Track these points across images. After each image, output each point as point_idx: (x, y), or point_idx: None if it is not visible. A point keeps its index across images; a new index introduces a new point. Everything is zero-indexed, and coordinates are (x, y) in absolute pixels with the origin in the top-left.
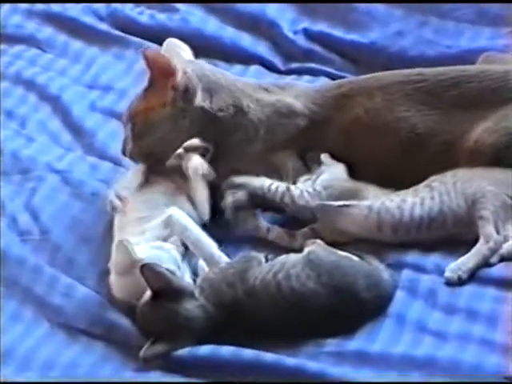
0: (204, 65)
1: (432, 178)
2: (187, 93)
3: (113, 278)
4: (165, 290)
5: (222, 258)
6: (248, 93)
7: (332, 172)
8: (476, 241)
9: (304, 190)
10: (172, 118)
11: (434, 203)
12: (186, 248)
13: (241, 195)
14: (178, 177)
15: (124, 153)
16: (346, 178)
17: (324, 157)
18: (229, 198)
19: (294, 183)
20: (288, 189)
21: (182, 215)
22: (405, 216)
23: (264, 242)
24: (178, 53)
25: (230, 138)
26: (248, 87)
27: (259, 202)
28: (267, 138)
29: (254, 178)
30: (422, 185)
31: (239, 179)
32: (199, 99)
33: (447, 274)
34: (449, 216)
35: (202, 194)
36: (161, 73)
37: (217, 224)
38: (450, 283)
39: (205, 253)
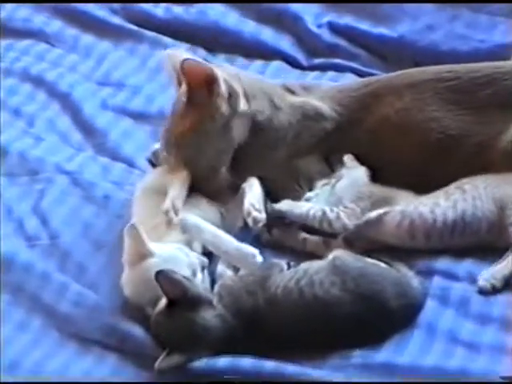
0: (233, 69)
1: (463, 180)
2: (231, 99)
3: (124, 275)
4: (181, 299)
5: (251, 250)
6: (279, 94)
7: (351, 176)
8: (507, 248)
9: (339, 211)
10: (224, 128)
11: (466, 206)
12: (209, 259)
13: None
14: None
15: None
16: (367, 183)
17: (347, 158)
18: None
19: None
20: (324, 213)
21: (193, 218)
22: (438, 221)
23: (284, 248)
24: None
25: (257, 142)
26: (277, 89)
27: None
28: (293, 143)
29: (293, 203)
30: (452, 186)
31: (280, 206)
32: (243, 104)
33: (480, 282)
34: (483, 221)
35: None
36: (201, 82)
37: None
38: (483, 292)
39: (228, 249)
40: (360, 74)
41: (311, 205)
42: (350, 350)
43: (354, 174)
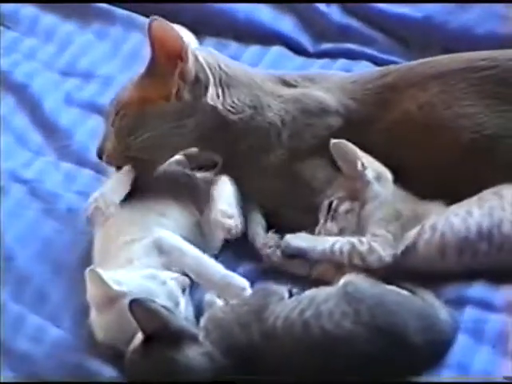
0: (217, 54)
1: (501, 185)
2: (197, 85)
3: (93, 315)
4: (160, 333)
5: (240, 282)
6: (269, 89)
7: (376, 196)
8: None
9: (371, 242)
10: (175, 115)
11: (504, 215)
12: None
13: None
14: (173, 185)
15: (100, 153)
16: (396, 196)
17: (362, 168)
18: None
19: (330, 206)
20: (353, 247)
21: (172, 236)
22: (471, 232)
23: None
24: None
25: (242, 147)
26: (268, 82)
27: None
28: (292, 144)
29: (312, 238)
30: (488, 191)
31: (297, 243)
32: (210, 95)
33: None
34: None
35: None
36: (168, 54)
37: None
38: None
39: (213, 278)
40: (377, 62)
41: (335, 238)
42: None
43: (377, 192)
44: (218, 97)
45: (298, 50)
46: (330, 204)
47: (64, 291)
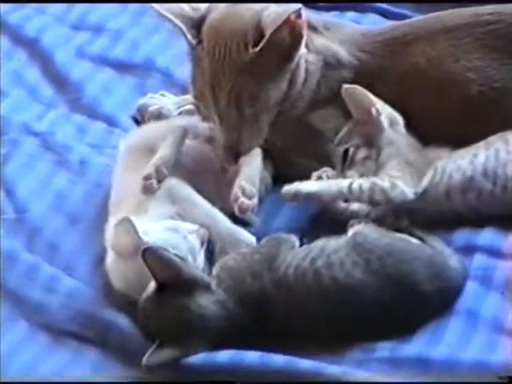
0: None
1: (506, 132)
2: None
3: (111, 263)
4: (173, 281)
5: (247, 236)
6: (311, 36)
7: (390, 143)
8: None
9: (393, 181)
10: (292, 71)
11: (509, 158)
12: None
13: None
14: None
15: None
16: (413, 144)
17: (377, 113)
18: None
19: (346, 154)
20: (374, 183)
21: (183, 186)
22: (477, 172)
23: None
24: None
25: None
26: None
27: None
28: (311, 96)
29: (326, 183)
30: (494, 136)
31: (307, 188)
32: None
33: None
34: None
35: None
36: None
37: None
38: None
39: (221, 232)
40: (385, 15)
41: (349, 179)
42: (375, 342)
43: (392, 138)
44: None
45: (306, 2)
46: (346, 152)
47: (77, 242)
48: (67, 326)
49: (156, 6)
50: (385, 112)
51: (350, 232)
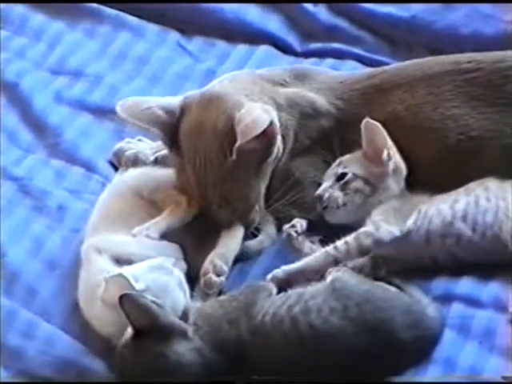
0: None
1: (487, 178)
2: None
3: (99, 312)
4: (150, 328)
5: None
6: (273, 90)
7: (386, 189)
8: None
9: (374, 222)
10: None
11: (489, 206)
12: None
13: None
14: None
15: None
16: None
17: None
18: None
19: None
20: (358, 233)
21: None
22: (457, 217)
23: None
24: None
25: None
26: (272, 87)
27: None
28: (291, 147)
29: (311, 256)
30: (474, 183)
31: (291, 267)
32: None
33: None
34: (505, 225)
35: None
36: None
37: None
38: None
39: None
40: (364, 62)
41: (331, 245)
42: None
43: (389, 185)
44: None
45: (285, 49)
46: (343, 174)
47: (55, 287)
48: (44, 372)
49: (124, 114)
50: (394, 158)
51: (329, 278)
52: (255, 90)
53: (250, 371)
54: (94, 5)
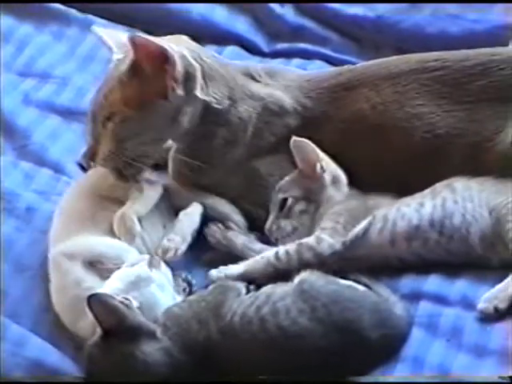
0: (195, 46)
1: (454, 178)
2: (188, 81)
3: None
4: (118, 328)
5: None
6: (240, 83)
7: (329, 199)
8: (505, 265)
9: (318, 234)
10: (172, 112)
11: (456, 208)
12: None
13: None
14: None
15: (92, 157)
16: (348, 195)
17: (321, 170)
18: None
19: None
20: (300, 244)
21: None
22: (423, 221)
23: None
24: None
25: (215, 141)
26: (239, 75)
27: None
28: (252, 141)
29: (254, 259)
30: (441, 183)
31: (234, 270)
32: (199, 88)
33: (481, 304)
34: (473, 227)
35: None
36: (153, 61)
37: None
38: (485, 316)
39: None
40: (331, 62)
41: (274, 249)
42: None
43: (331, 195)
44: (203, 89)
45: (253, 49)
46: (285, 201)
47: (24, 289)
48: (14, 373)
49: (97, 29)
50: (329, 169)
51: (297, 279)
52: (215, 71)
53: (218, 371)
54: (62, 7)
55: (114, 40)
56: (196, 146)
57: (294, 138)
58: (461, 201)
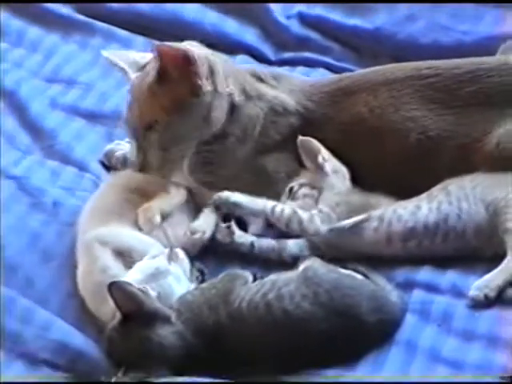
0: (205, 49)
1: (448, 180)
2: (212, 75)
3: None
4: (136, 313)
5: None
6: (250, 82)
7: (331, 187)
8: (496, 256)
9: (314, 213)
10: (206, 109)
11: (451, 209)
12: None
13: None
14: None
15: (144, 169)
16: (351, 189)
17: (323, 160)
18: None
19: (291, 191)
20: (295, 212)
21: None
22: (418, 224)
23: (251, 257)
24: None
25: (228, 138)
26: (247, 76)
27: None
28: (259, 139)
29: (252, 198)
30: (437, 188)
31: (234, 197)
32: (220, 84)
33: (472, 292)
34: (469, 225)
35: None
36: (178, 64)
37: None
38: (475, 303)
39: None
40: (332, 69)
41: (276, 202)
42: (322, 368)
43: (334, 183)
44: (224, 83)
45: (260, 58)
46: (291, 189)
47: (50, 278)
48: (41, 354)
49: (108, 54)
50: (331, 160)
51: (301, 267)
52: (228, 68)
53: (227, 353)
54: (87, 19)
55: (125, 61)
56: (210, 144)
57: (299, 137)
58: (455, 201)
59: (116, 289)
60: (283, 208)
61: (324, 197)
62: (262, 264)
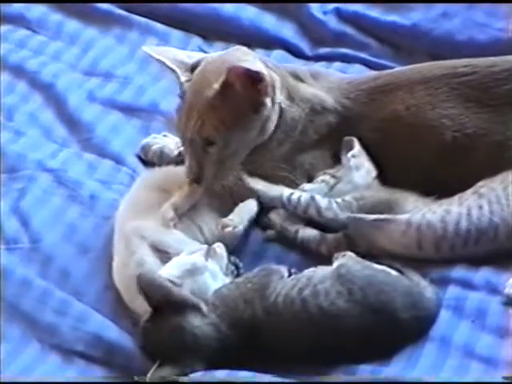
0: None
1: (480, 183)
2: (273, 92)
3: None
4: (165, 304)
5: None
6: (292, 84)
7: (351, 181)
8: None
9: (332, 200)
10: (260, 123)
11: (482, 213)
12: None
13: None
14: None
15: (199, 182)
16: (369, 185)
17: (352, 155)
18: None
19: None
20: (313, 199)
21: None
22: (449, 231)
23: (287, 253)
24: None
25: (269, 143)
26: (290, 78)
27: None
28: (299, 138)
29: (271, 185)
30: (468, 191)
31: (253, 182)
32: (278, 95)
33: (508, 289)
34: (501, 227)
35: None
36: (245, 81)
37: None
38: (510, 300)
39: None
40: (369, 66)
41: (293, 190)
42: (357, 364)
43: (354, 178)
44: (280, 94)
45: (297, 53)
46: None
47: (86, 270)
48: (76, 347)
49: (151, 51)
50: (360, 157)
51: (335, 264)
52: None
53: (262, 348)
54: (125, 13)
55: (173, 60)
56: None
57: (346, 137)
58: (487, 205)
59: (143, 279)
60: (300, 195)
61: (339, 188)
62: (294, 260)
